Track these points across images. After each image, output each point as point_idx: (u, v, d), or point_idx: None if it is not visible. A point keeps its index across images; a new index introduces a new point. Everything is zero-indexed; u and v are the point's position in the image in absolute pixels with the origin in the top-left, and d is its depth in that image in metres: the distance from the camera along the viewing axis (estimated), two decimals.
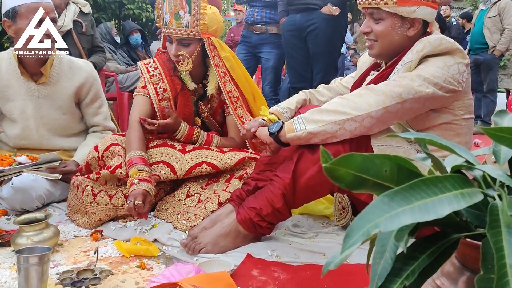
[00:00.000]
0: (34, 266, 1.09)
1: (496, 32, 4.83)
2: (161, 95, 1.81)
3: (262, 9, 3.77)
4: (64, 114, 2.03)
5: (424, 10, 1.39)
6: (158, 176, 1.67)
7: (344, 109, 1.29)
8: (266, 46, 3.78)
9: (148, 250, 1.42)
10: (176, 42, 1.73)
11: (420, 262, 0.50)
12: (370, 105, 1.28)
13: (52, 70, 1.98)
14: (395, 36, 1.42)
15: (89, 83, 2.05)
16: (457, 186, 0.47)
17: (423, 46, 1.34)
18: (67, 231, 1.63)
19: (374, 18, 1.43)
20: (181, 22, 1.70)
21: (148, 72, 1.83)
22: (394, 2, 1.37)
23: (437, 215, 0.44)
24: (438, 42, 1.34)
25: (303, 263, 1.34)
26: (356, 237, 0.44)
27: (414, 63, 1.35)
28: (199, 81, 1.88)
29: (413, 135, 0.56)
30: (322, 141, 1.32)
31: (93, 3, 4.64)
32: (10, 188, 1.78)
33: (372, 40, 1.45)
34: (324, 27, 2.95)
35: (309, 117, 1.33)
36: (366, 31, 1.45)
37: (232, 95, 1.83)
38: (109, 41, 4.66)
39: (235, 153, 1.75)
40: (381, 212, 0.45)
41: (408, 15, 1.39)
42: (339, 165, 0.47)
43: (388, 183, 0.50)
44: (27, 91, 1.95)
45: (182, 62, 1.75)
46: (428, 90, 1.30)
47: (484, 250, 0.46)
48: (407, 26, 1.41)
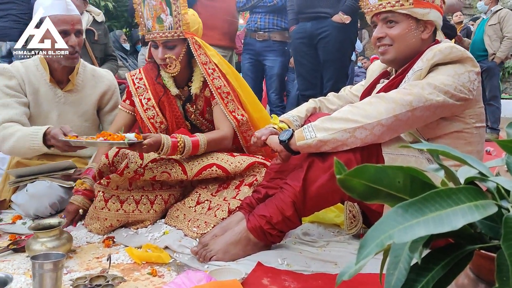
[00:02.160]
0: (48, 272, 1.11)
1: (496, 40, 4.95)
2: (146, 105, 1.86)
3: (266, 15, 3.69)
4: (86, 121, 2.07)
5: (435, 13, 1.41)
6: (168, 174, 1.68)
7: (355, 117, 1.29)
8: (270, 54, 3.73)
9: (159, 257, 1.42)
10: (162, 45, 1.77)
11: (434, 274, 0.50)
12: (381, 113, 1.28)
13: (77, 77, 2.03)
14: (411, 39, 1.42)
15: (111, 91, 2.12)
16: (471, 198, 0.47)
17: (433, 54, 1.34)
18: (79, 237, 1.64)
19: (388, 22, 1.43)
20: (164, 25, 1.72)
21: (134, 85, 1.89)
22: (411, 3, 1.38)
23: (452, 227, 0.44)
24: (449, 51, 1.34)
25: (314, 272, 1.33)
26: (370, 248, 0.45)
27: (424, 71, 1.35)
28: (184, 84, 1.91)
29: (425, 146, 0.56)
30: (332, 149, 1.32)
31: (105, 12, 4.71)
32: (25, 194, 1.81)
33: (387, 44, 1.45)
34: (335, 35, 2.96)
35: (319, 125, 1.33)
36: (381, 36, 1.45)
37: (222, 90, 1.84)
38: (118, 48, 4.73)
39: (245, 157, 1.77)
40: (395, 224, 0.46)
41: (422, 17, 1.40)
42: (352, 176, 0.48)
43: (401, 194, 0.50)
44: (53, 97, 1.99)
45: (170, 65, 1.78)
46: (439, 98, 1.30)
47: (499, 262, 0.46)
48: (421, 29, 1.42)
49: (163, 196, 1.76)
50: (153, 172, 1.67)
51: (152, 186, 1.75)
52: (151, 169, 1.67)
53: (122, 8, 4.94)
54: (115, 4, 4.77)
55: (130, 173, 1.65)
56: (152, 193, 1.74)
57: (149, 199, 1.73)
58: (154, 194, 1.74)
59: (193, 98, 1.91)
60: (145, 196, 1.72)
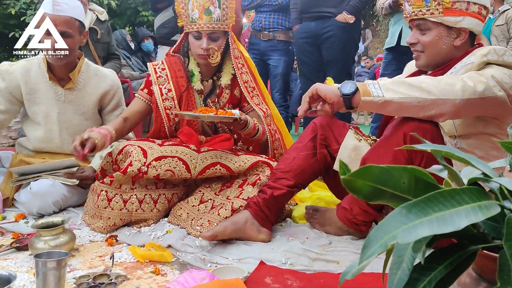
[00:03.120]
0: (52, 270, 1.11)
1: (503, 41, 4.90)
2: (165, 95, 1.90)
3: (271, 15, 3.72)
4: (87, 119, 2.09)
5: (470, 21, 1.40)
6: (172, 172, 1.69)
7: (430, 88, 1.27)
8: (275, 53, 3.76)
9: (162, 256, 1.43)
10: (207, 36, 1.83)
11: (437, 273, 0.50)
12: (456, 93, 1.26)
13: (79, 76, 2.06)
14: (442, 46, 1.43)
15: (113, 91, 2.14)
16: (474, 198, 0.48)
17: (488, 51, 1.34)
18: (82, 236, 1.65)
19: (421, 29, 1.45)
20: (212, 17, 1.80)
21: (156, 73, 1.93)
22: (440, 12, 1.39)
23: (455, 227, 0.45)
24: (503, 52, 1.34)
25: (316, 271, 1.34)
26: (374, 248, 0.45)
27: (476, 66, 1.35)
28: (210, 76, 1.96)
29: (429, 146, 0.56)
30: (393, 111, 1.32)
31: (108, 10, 4.72)
32: (28, 192, 1.82)
33: (419, 51, 1.47)
34: (340, 34, 2.96)
35: (388, 85, 1.31)
36: (413, 42, 1.47)
37: (249, 85, 1.94)
38: (124, 47, 4.73)
39: (249, 156, 1.78)
40: (399, 224, 0.46)
41: (454, 25, 1.40)
42: (357, 177, 0.48)
43: (405, 195, 0.51)
44: (54, 95, 2.02)
45: (212, 55, 1.85)
46: (501, 94, 1.28)
47: (501, 262, 0.47)
48: (454, 36, 1.42)
49: (166, 195, 1.76)
50: (156, 170, 1.68)
51: (155, 185, 1.75)
52: (154, 167, 1.68)
53: (125, 6, 4.95)
54: (118, 2, 4.77)
55: (134, 171, 1.66)
56: (155, 192, 1.74)
57: (152, 198, 1.73)
58: (157, 193, 1.75)
59: (218, 92, 1.96)
60: (148, 195, 1.72)
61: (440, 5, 1.39)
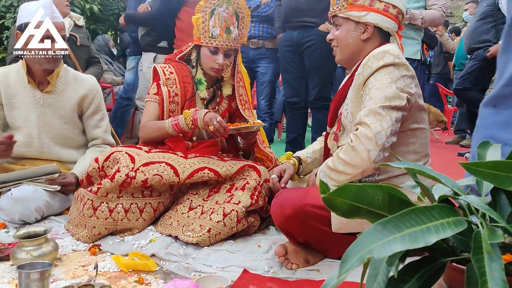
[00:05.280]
0: (35, 281, 1.12)
1: None
2: (172, 98, 1.95)
3: (260, 24, 3.82)
4: (66, 123, 2.09)
5: (374, 16, 1.50)
6: (160, 176, 1.70)
7: (347, 169, 1.36)
8: (263, 61, 3.85)
9: (146, 265, 1.44)
10: (224, 53, 1.94)
11: (410, 285, 0.53)
12: (363, 161, 1.33)
13: (58, 80, 2.07)
14: (349, 39, 1.54)
15: (92, 95, 2.14)
16: (443, 215, 0.51)
17: (367, 59, 1.43)
18: (65, 245, 1.64)
19: (336, 25, 1.58)
20: (231, 36, 1.94)
21: (164, 75, 1.97)
22: (345, 8, 1.52)
23: (425, 243, 0.48)
24: (382, 55, 1.41)
25: (298, 278, 1.37)
26: (351, 262, 0.48)
27: (363, 78, 1.42)
28: (211, 85, 2.06)
29: (404, 164, 0.60)
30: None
31: (90, 15, 4.67)
32: (10, 198, 1.80)
33: (335, 46, 1.59)
34: (321, 44, 3.00)
35: (328, 174, 1.42)
36: (330, 38, 1.60)
37: (243, 98, 2.07)
38: (107, 52, 4.70)
39: (235, 161, 1.84)
40: (375, 239, 0.49)
41: (359, 20, 1.51)
42: (336, 196, 0.51)
43: (380, 211, 0.54)
44: (32, 99, 2.03)
45: (225, 69, 1.96)
46: (397, 115, 1.34)
47: (468, 274, 0.50)
48: (361, 30, 1.53)
49: (152, 204, 1.77)
50: (145, 175, 1.69)
51: (142, 193, 1.75)
52: (142, 172, 1.69)
53: (108, 12, 4.92)
54: (101, 7, 4.74)
55: (122, 176, 1.66)
56: (141, 201, 1.74)
57: (139, 207, 1.73)
58: (143, 202, 1.75)
59: (218, 100, 2.07)
60: (134, 204, 1.72)
61: (345, 1, 1.52)
